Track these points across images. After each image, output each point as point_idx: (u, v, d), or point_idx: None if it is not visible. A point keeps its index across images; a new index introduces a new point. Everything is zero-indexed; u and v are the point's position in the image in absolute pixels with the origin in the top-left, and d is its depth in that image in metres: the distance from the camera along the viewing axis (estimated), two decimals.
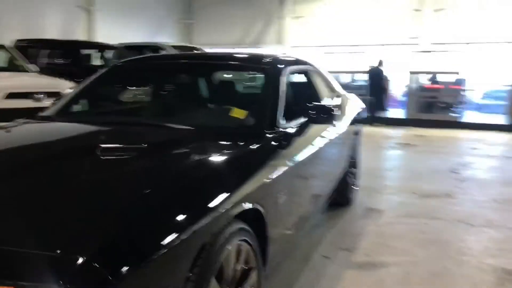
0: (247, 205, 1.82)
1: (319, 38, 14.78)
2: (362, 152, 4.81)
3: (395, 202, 4.61)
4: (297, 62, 3.29)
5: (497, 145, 8.62)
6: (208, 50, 11.18)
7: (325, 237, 3.56)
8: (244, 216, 1.80)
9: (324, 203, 3.49)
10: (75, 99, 3.06)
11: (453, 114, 11.31)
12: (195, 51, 10.43)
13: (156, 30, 16.09)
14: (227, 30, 16.33)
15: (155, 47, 10.26)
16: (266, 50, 15.88)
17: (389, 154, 7.82)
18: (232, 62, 3.16)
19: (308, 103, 2.76)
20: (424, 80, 12.21)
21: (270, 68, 2.84)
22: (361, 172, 4.75)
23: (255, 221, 1.93)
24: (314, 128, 2.82)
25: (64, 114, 2.82)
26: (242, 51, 13.21)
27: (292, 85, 3.15)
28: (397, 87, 12.85)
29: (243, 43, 16.37)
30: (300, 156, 2.55)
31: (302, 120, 2.69)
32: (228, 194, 1.71)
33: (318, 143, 2.97)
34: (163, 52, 9.95)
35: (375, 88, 11.43)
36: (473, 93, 13.18)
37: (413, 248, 3.39)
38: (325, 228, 3.73)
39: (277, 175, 2.16)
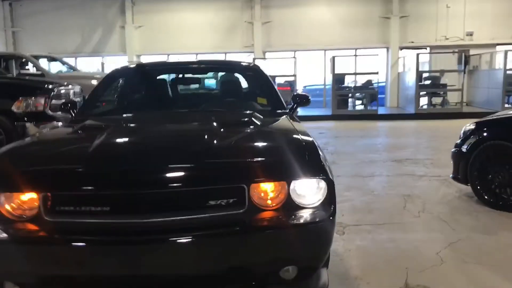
0: None
1: (164, 46, 15.66)
2: None
3: None
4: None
5: (333, 129, 11.02)
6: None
7: None
8: None
9: None
10: (96, 101, 3.63)
11: None
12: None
13: None
14: (63, 39, 15.84)
15: (13, 57, 9.84)
16: (110, 58, 16.06)
17: None
18: (226, 66, 4.13)
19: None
20: None
21: (258, 68, 3.94)
22: None
23: None
24: None
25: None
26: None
27: None
28: None
29: (82, 51, 16.12)
30: None
31: (290, 104, 3.86)
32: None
33: None
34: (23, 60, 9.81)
35: None
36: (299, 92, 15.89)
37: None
38: None
39: None
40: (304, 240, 2.15)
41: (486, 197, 4.21)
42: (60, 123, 3.24)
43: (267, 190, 2.16)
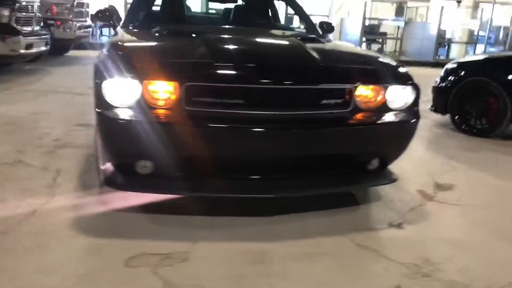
0: None
1: None
2: None
3: None
4: None
5: None
6: None
7: None
8: None
9: None
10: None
11: None
12: None
13: None
14: None
15: None
16: None
17: None
18: None
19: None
20: None
21: None
22: None
23: None
24: None
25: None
26: None
27: None
28: None
29: None
30: None
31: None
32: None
33: None
34: None
35: None
36: None
37: None
38: None
39: None
40: (392, 137, 2.60)
41: (462, 126, 4.96)
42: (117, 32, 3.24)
43: (368, 94, 2.54)
